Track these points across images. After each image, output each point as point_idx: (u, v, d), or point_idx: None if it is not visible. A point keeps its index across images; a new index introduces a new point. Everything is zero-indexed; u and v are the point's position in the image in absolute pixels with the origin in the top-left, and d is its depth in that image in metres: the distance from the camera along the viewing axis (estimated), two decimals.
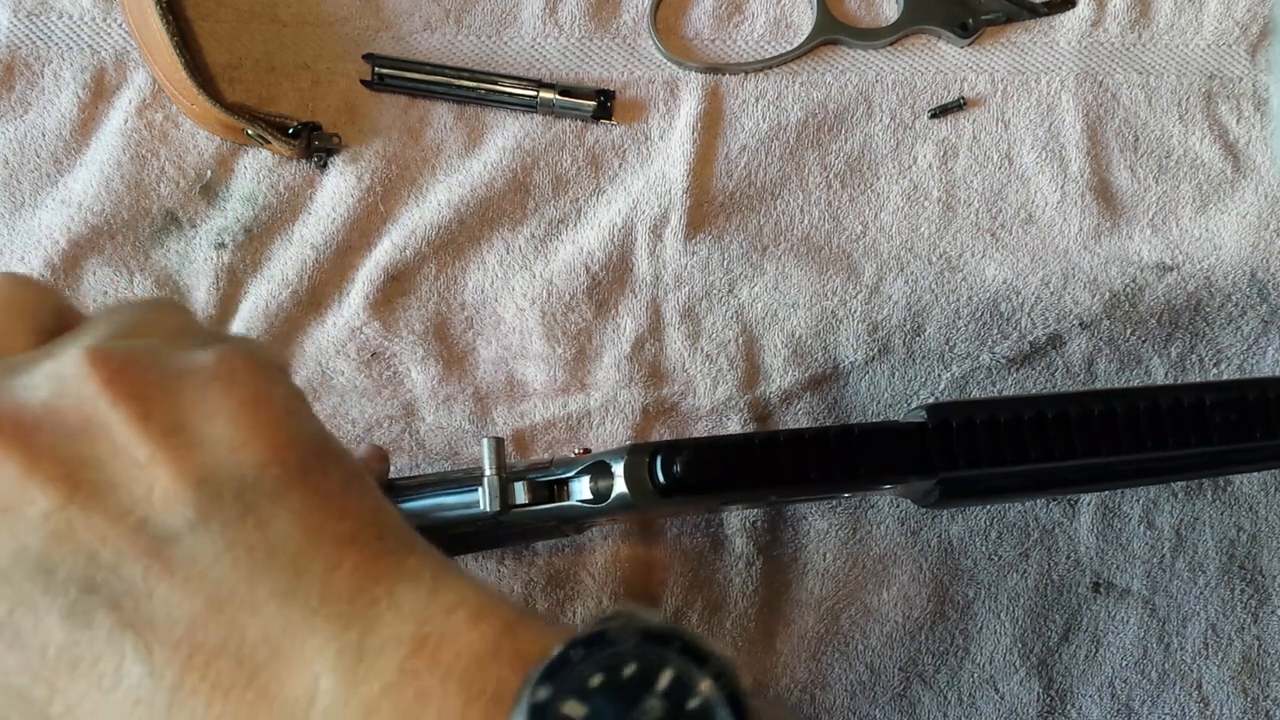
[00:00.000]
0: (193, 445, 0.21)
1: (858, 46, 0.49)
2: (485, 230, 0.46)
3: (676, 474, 0.33)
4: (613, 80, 0.47)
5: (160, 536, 0.20)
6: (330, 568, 0.21)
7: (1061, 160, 0.49)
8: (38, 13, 0.45)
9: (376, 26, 0.47)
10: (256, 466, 0.21)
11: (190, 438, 0.21)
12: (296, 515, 0.21)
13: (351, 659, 0.20)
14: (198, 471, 0.20)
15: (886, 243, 0.47)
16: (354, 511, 0.22)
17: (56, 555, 0.19)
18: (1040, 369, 0.47)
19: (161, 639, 0.19)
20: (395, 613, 0.20)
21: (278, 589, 0.20)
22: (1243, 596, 0.46)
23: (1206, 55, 0.51)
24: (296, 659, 0.19)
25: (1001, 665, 0.44)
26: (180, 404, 0.21)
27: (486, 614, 0.21)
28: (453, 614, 0.21)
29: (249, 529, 0.20)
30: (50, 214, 0.43)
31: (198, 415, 0.21)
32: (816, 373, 0.45)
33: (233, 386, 0.22)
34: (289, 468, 0.21)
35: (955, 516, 0.45)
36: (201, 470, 0.20)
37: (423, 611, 0.21)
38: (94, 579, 0.19)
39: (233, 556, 0.20)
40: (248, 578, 0.20)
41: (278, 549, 0.20)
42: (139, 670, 0.19)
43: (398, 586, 0.21)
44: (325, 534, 0.21)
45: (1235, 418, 0.37)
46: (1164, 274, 0.48)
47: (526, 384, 0.44)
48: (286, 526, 0.21)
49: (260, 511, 0.21)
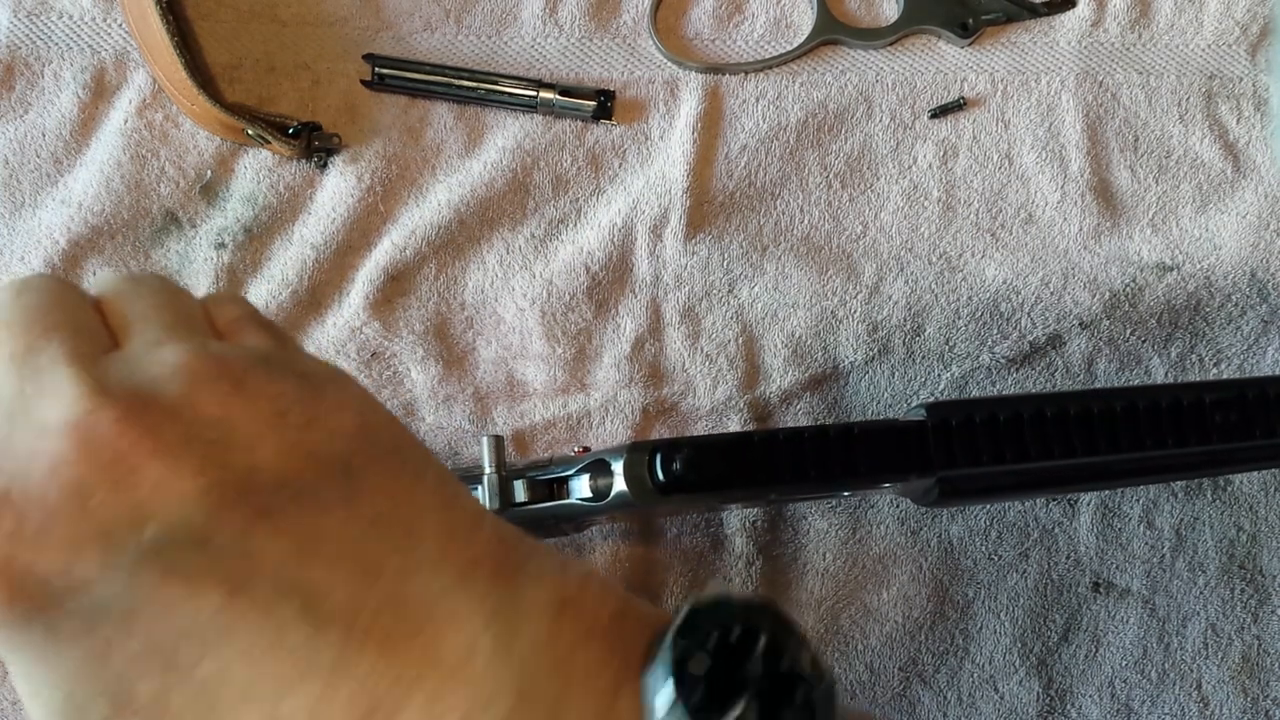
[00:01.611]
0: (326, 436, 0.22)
1: (858, 46, 0.49)
2: (485, 230, 0.46)
3: (676, 472, 0.33)
4: (613, 80, 0.47)
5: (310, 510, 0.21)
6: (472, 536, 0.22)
7: (1061, 160, 0.49)
8: (38, 13, 0.45)
9: (376, 26, 0.47)
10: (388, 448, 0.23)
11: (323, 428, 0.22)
12: (434, 489, 0.23)
13: (506, 617, 0.21)
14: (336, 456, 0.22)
15: (886, 243, 0.47)
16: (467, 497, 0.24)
17: (208, 529, 0.20)
18: (1040, 369, 0.47)
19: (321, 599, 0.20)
20: (538, 581, 0.22)
21: (427, 558, 0.21)
22: (1243, 596, 0.46)
23: (1206, 55, 0.51)
24: (454, 617, 0.21)
25: (1001, 665, 0.44)
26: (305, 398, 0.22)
27: (609, 587, 0.24)
28: (585, 583, 0.23)
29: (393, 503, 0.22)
30: (50, 214, 0.43)
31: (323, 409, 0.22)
32: (816, 373, 0.45)
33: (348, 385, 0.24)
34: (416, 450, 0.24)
35: (955, 516, 0.45)
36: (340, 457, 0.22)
37: (560, 580, 0.23)
38: (248, 550, 0.20)
39: (380, 529, 0.21)
40: (398, 548, 0.21)
41: (423, 519, 0.22)
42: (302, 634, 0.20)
43: (531, 560, 0.23)
44: (458, 508, 0.23)
45: (1235, 417, 0.37)
46: (1164, 274, 0.48)
47: (526, 384, 0.44)
48: (428, 500, 0.22)
49: (401, 486, 0.22)
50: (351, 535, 0.21)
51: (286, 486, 0.21)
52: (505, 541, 0.23)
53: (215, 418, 0.21)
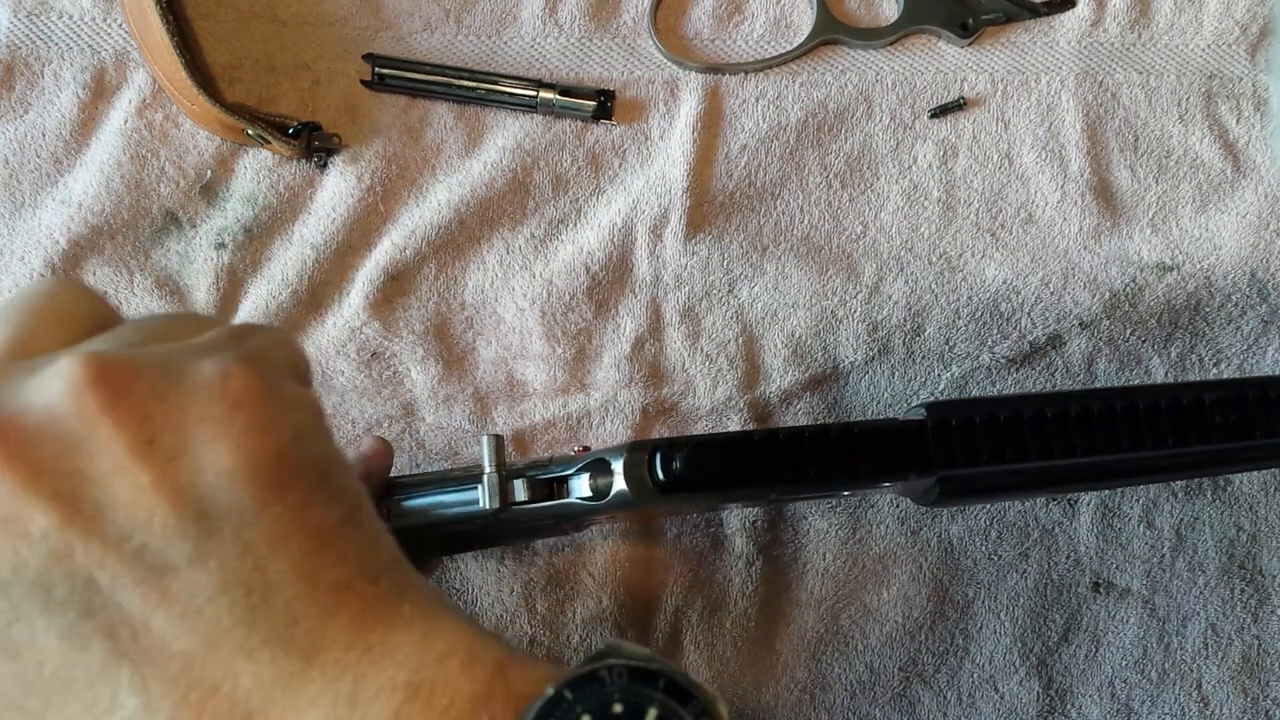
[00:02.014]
0: (195, 474, 0.20)
1: (858, 46, 0.49)
2: (485, 230, 0.46)
3: (676, 471, 0.33)
4: (613, 80, 0.47)
5: (158, 567, 0.20)
6: (326, 616, 0.21)
7: (1061, 160, 0.49)
8: (38, 13, 0.45)
9: (376, 26, 0.47)
10: (258, 502, 0.21)
11: (193, 464, 0.20)
12: (295, 561, 0.21)
13: (345, 708, 0.20)
14: (200, 504, 0.20)
15: (886, 243, 0.47)
16: (351, 554, 0.22)
17: (55, 574, 0.19)
18: (1040, 369, 0.47)
19: (158, 673, 0.19)
20: (390, 660, 0.21)
21: (273, 635, 0.20)
22: (1242, 596, 0.46)
23: (1206, 55, 0.51)
24: (289, 707, 0.20)
25: (1001, 665, 0.44)
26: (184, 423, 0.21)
27: (478, 658, 0.21)
28: (445, 660, 0.21)
29: (247, 570, 0.20)
30: (50, 214, 0.43)
31: (201, 438, 0.21)
32: (816, 373, 0.45)
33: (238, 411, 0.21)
34: (289, 506, 0.21)
35: (955, 516, 0.45)
36: (203, 503, 0.20)
37: (416, 659, 0.21)
38: (91, 603, 0.19)
39: (229, 598, 0.20)
40: (244, 621, 0.20)
41: (274, 593, 0.20)
42: (134, 701, 0.19)
43: (391, 634, 0.21)
44: (322, 581, 0.21)
45: (1235, 417, 0.37)
46: (1164, 274, 0.48)
47: (526, 384, 0.44)
48: (284, 571, 0.21)
49: (259, 553, 0.20)
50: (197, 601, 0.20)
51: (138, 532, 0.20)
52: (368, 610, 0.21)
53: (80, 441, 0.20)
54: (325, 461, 0.23)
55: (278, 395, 0.22)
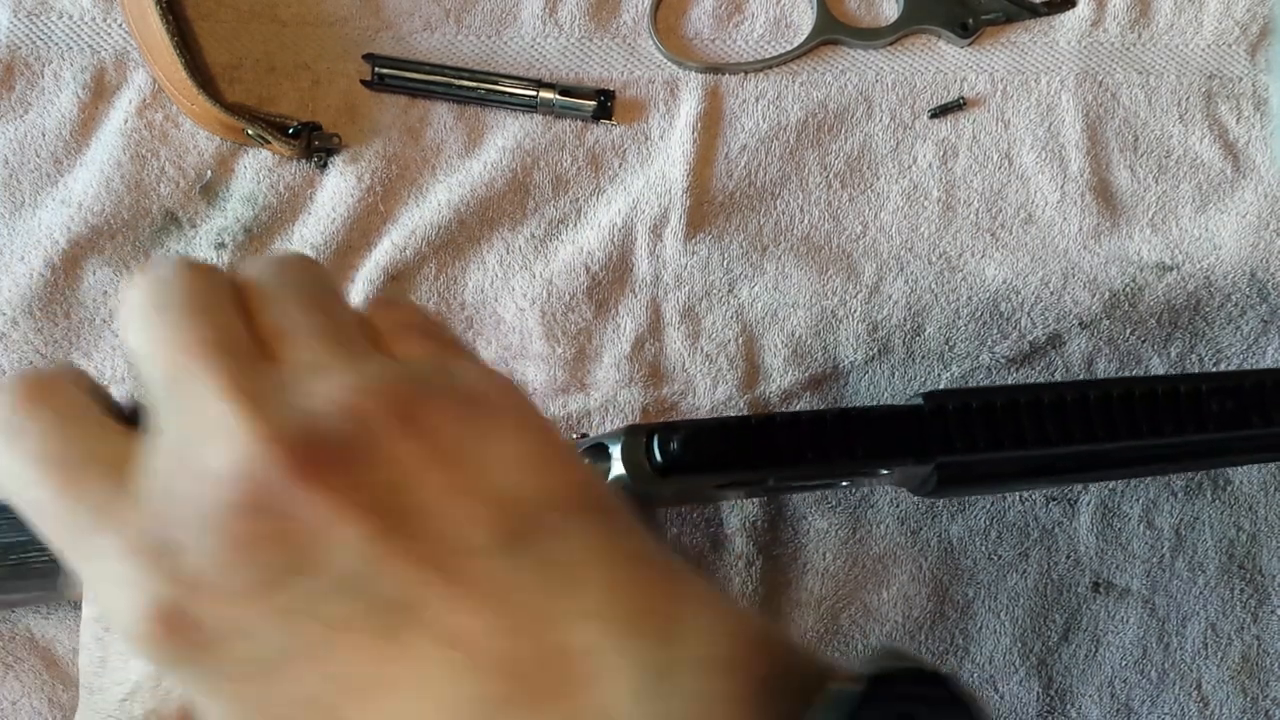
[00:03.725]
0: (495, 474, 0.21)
1: (858, 46, 0.49)
2: (485, 230, 0.46)
3: (673, 453, 0.33)
4: (613, 80, 0.47)
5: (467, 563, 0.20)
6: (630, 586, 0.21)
7: (1061, 160, 0.49)
8: (38, 13, 0.45)
9: (376, 26, 0.47)
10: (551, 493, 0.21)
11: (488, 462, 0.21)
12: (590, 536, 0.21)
13: (656, 675, 0.20)
14: (501, 500, 0.21)
15: (886, 243, 0.47)
16: (637, 533, 0.23)
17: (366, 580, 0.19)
18: (1040, 369, 0.47)
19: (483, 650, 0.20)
20: (694, 633, 0.21)
21: (584, 608, 0.20)
22: (1242, 596, 0.46)
23: (1206, 55, 0.51)
24: (607, 673, 0.20)
25: (1001, 665, 0.44)
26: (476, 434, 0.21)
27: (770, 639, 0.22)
28: (739, 638, 0.21)
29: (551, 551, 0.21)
30: (50, 214, 0.43)
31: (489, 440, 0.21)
32: (816, 372, 0.45)
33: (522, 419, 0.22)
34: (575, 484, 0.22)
35: (955, 516, 0.45)
36: (505, 499, 0.21)
37: (715, 633, 0.21)
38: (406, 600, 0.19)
39: (537, 579, 0.20)
40: (555, 597, 0.20)
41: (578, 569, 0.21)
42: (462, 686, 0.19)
43: (687, 607, 0.21)
44: (620, 549, 0.22)
45: (1232, 406, 0.37)
46: (1164, 274, 0.48)
47: (526, 384, 0.44)
48: (583, 546, 0.21)
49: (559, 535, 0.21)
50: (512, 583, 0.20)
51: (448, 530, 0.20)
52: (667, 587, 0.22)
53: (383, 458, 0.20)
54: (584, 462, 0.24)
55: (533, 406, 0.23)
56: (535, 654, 0.20)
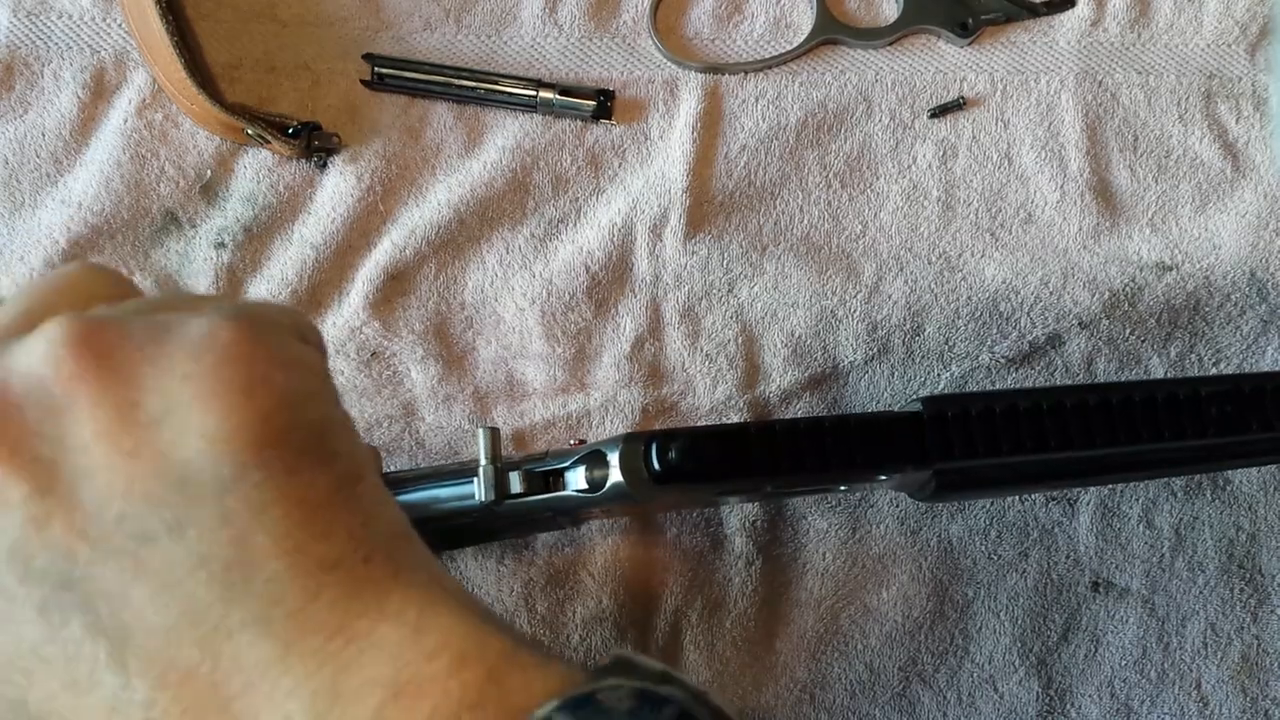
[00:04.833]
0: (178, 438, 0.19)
1: (857, 46, 0.49)
2: (485, 230, 0.46)
3: (672, 461, 0.33)
4: (612, 80, 0.47)
5: (137, 537, 0.19)
6: (309, 598, 0.19)
7: (1061, 160, 0.49)
8: (38, 13, 0.45)
9: (376, 26, 0.47)
10: (239, 468, 0.19)
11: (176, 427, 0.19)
12: (277, 534, 0.20)
13: (325, 702, 0.18)
14: (182, 469, 0.19)
15: (886, 242, 0.47)
16: (342, 529, 0.21)
17: (34, 544, 0.19)
18: (1040, 369, 0.47)
19: (136, 651, 0.18)
20: (375, 653, 0.19)
21: (253, 615, 0.19)
22: (1242, 596, 0.46)
23: (1206, 55, 0.51)
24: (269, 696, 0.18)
25: (1001, 665, 0.44)
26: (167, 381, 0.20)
27: (471, 660, 0.20)
28: (435, 659, 0.19)
29: (226, 543, 0.19)
30: (50, 214, 0.43)
31: (183, 399, 0.19)
32: (816, 372, 0.45)
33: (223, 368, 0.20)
34: (274, 472, 0.20)
35: (955, 516, 0.45)
36: (184, 469, 0.19)
37: (404, 654, 0.19)
38: (70, 575, 0.19)
39: (208, 572, 0.19)
40: (223, 598, 0.19)
41: (255, 569, 0.19)
42: (113, 680, 0.18)
43: (379, 625, 0.20)
44: (307, 557, 0.20)
45: (1231, 410, 0.37)
46: (1163, 274, 0.48)
47: (526, 384, 0.44)
48: (266, 545, 0.19)
49: (239, 524, 0.19)
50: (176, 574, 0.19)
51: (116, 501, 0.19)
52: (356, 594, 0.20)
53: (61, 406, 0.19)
54: (321, 425, 0.21)
55: (269, 352, 0.21)
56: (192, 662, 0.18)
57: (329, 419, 0.22)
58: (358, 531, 0.21)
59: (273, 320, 0.22)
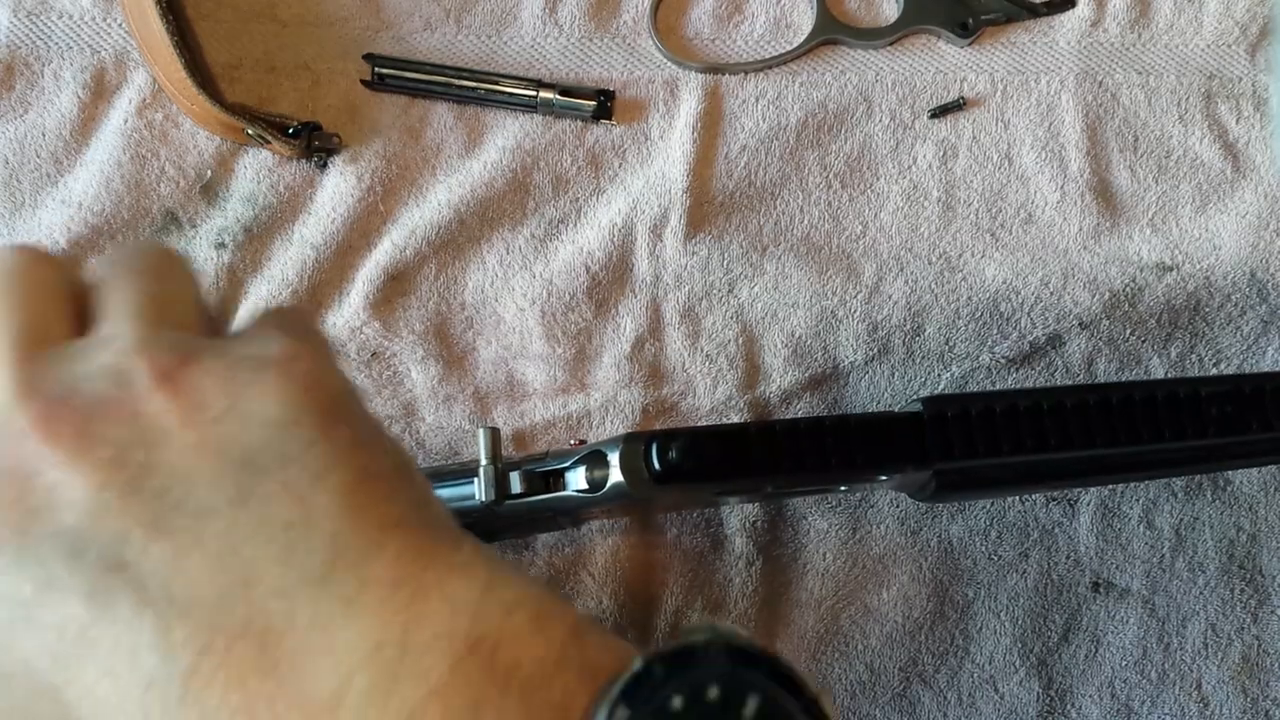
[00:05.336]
0: (241, 425, 0.20)
1: (858, 46, 0.49)
2: (485, 230, 0.46)
3: (672, 461, 0.33)
4: (613, 80, 0.47)
5: (197, 513, 0.19)
6: (373, 550, 0.19)
7: (1061, 160, 0.49)
8: (38, 13, 0.45)
9: (376, 26, 0.47)
10: (302, 442, 0.20)
11: (240, 417, 0.20)
12: (339, 492, 0.20)
13: (392, 655, 0.18)
14: (244, 451, 0.20)
15: (886, 243, 0.47)
16: (403, 496, 0.21)
17: (89, 535, 0.19)
18: (1040, 369, 0.47)
19: (183, 620, 0.18)
20: (447, 606, 0.19)
21: (311, 573, 0.19)
22: (1242, 596, 0.46)
23: (1206, 55, 0.51)
24: (326, 652, 0.18)
25: (1001, 665, 0.44)
26: (233, 387, 0.20)
27: (551, 616, 0.19)
28: (513, 614, 0.19)
29: (287, 505, 0.19)
30: (50, 214, 0.43)
31: (249, 396, 0.20)
32: (816, 373, 0.45)
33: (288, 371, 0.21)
34: (337, 444, 0.20)
35: (955, 516, 0.45)
36: (248, 449, 0.20)
37: (478, 607, 0.19)
38: (123, 558, 0.19)
39: (267, 533, 0.19)
40: (281, 559, 0.19)
41: (314, 528, 0.19)
42: (153, 659, 0.18)
43: (449, 577, 0.19)
44: (370, 514, 0.20)
45: (1231, 410, 0.37)
46: (1164, 274, 0.48)
47: (526, 384, 0.44)
48: (327, 503, 0.20)
49: (301, 486, 0.20)
50: (233, 541, 0.19)
51: (177, 486, 0.19)
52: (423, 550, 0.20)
53: (130, 415, 0.20)
54: (374, 424, 0.22)
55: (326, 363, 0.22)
56: (239, 625, 0.18)
57: (379, 423, 0.23)
58: (420, 500, 0.21)
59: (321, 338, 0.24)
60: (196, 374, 0.21)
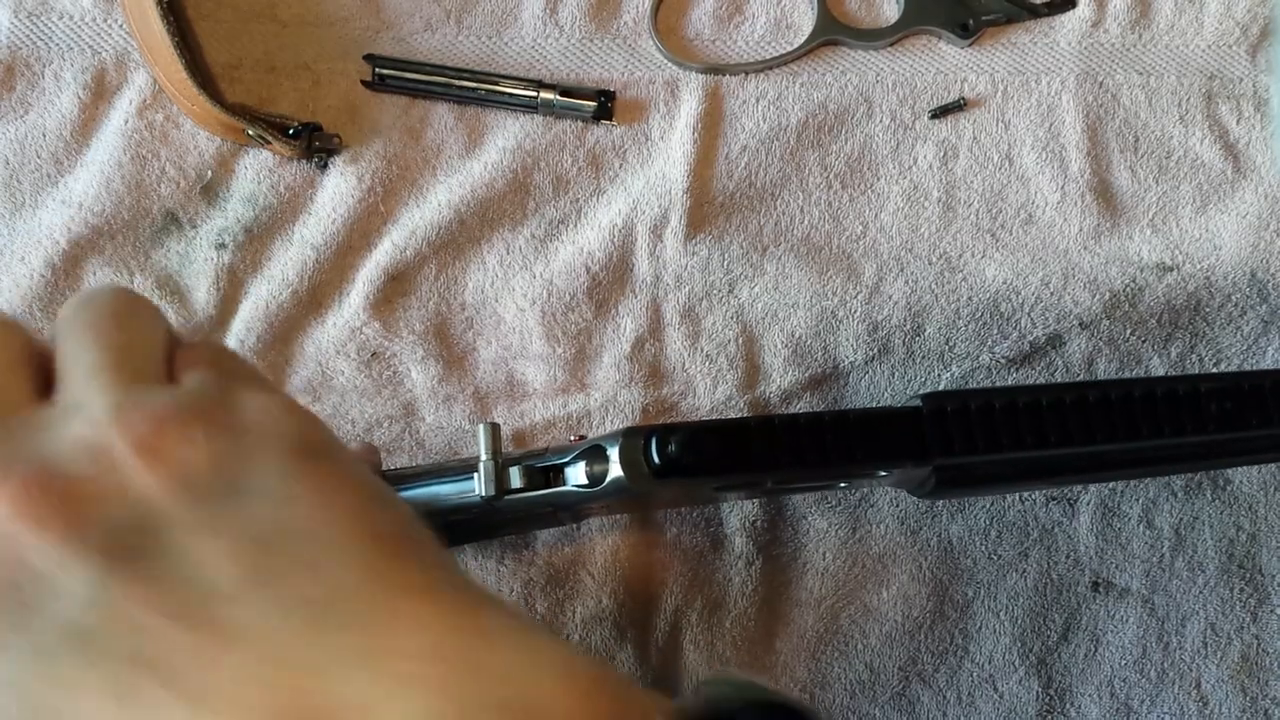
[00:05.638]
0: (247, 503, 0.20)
1: (858, 47, 0.49)
2: (485, 230, 0.46)
3: (672, 455, 0.33)
4: (613, 80, 0.47)
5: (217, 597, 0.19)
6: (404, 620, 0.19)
7: (1061, 160, 0.49)
8: (38, 13, 0.45)
9: (377, 26, 0.47)
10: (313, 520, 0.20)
11: (237, 493, 0.20)
12: (356, 561, 0.20)
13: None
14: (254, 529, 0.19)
15: (886, 243, 0.47)
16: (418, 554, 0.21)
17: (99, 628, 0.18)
18: (1040, 369, 0.47)
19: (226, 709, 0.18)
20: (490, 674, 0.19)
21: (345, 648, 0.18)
22: (1242, 596, 0.46)
23: (1207, 55, 0.51)
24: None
25: (1001, 664, 0.44)
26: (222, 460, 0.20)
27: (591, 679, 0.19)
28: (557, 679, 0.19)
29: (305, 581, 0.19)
30: (51, 214, 0.43)
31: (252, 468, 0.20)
32: (816, 373, 0.45)
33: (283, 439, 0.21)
34: (343, 510, 0.20)
35: (955, 516, 0.45)
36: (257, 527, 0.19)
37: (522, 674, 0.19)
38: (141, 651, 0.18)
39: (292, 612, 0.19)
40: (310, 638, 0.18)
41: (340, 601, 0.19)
42: None
43: (486, 644, 0.19)
44: (391, 580, 0.20)
45: (1231, 407, 0.37)
46: (1164, 274, 0.48)
47: (526, 384, 0.45)
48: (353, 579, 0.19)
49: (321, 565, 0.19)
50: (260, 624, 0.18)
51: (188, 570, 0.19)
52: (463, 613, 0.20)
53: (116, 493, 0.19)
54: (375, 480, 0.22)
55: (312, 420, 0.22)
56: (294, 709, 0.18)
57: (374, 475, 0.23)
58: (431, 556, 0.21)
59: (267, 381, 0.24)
60: (175, 442, 0.20)
